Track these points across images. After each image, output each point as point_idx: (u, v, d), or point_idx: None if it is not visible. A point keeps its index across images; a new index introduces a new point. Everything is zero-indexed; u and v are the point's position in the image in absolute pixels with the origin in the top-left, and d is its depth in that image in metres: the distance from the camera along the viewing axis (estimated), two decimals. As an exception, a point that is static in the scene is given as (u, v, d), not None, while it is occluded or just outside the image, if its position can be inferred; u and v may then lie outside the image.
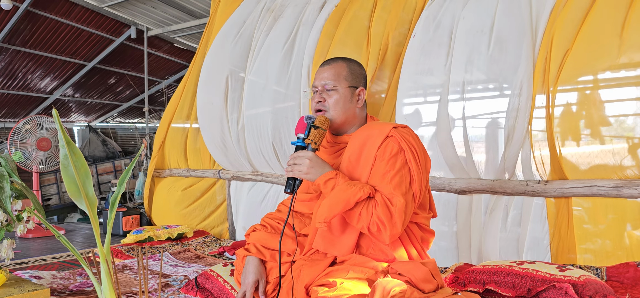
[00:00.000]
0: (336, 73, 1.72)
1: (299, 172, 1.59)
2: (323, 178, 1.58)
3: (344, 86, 1.71)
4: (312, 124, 1.64)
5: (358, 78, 1.75)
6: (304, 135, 1.63)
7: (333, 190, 1.55)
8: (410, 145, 1.58)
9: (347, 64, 1.75)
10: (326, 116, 1.69)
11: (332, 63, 1.75)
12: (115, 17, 6.69)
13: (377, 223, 1.51)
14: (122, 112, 10.73)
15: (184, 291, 2.19)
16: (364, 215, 1.53)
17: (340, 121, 1.72)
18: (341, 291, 1.43)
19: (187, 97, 4.03)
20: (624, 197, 2.15)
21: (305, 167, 1.58)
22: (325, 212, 1.54)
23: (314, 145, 1.61)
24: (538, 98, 2.35)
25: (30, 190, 1.78)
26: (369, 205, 1.53)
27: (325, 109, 1.71)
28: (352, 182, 1.55)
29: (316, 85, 1.75)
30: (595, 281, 1.80)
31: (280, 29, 3.40)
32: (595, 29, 2.20)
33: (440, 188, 2.67)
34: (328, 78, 1.72)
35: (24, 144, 4.81)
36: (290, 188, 1.61)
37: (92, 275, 1.33)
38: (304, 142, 1.62)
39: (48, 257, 3.08)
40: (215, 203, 3.91)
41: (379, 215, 1.50)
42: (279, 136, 3.23)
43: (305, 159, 1.58)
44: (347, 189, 1.52)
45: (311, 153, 1.60)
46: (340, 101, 1.70)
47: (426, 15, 2.78)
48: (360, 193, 1.51)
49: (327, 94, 1.71)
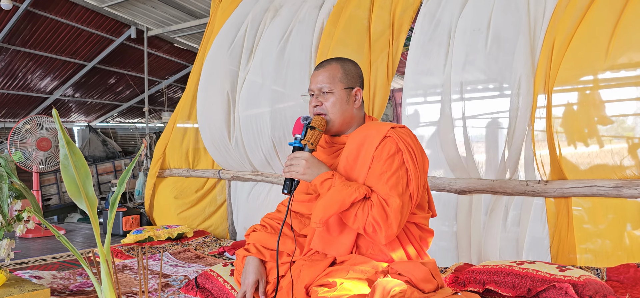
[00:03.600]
0: (331, 75, 1.71)
1: (295, 173, 1.60)
2: (319, 179, 1.58)
3: (340, 88, 1.70)
4: (309, 125, 1.65)
5: (353, 78, 1.74)
6: (301, 136, 1.64)
7: (329, 190, 1.56)
8: (408, 145, 1.58)
9: (341, 65, 1.74)
10: (324, 118, 1.70)
11: (326, 65, 1.74)
12: (115, 17, 6.69)
13: (373, 223, 1.51)
14: (122, 112, 10.73)
15: (184, 291, 2.19)
16: (359, 215, 1.53)
17: (338, 123, 1.72)
18: (341, 291, 1.43)
19: (188, 97, 4.03)
20: (624, 197, 2.15)
21: (301, 168, 1.59)
22: (320, 213, 1.54)
23: (310, 146, 1.62)
24: (538, 98, 2.35)
25: (30, 191, 1.78)
26: (365, 206, 1.53)
27: (324, 112, 1.71)
28: (347, 183, 1.55)
29: (312, 88, 1.75)
30: (595, 281, 1.80)
31: (276, 28, 3.40)
32: (595, 29, 2.20)
33: (440, 188, 2.67)
34: (323, 81, 1.71)
35: (24, 144, 4.81)
36: (288, 189, 1.62)
37: (92, 275, 1.33)
38: (301, 142, 1.63)
39: (48, 257, 3.08)
40: (216, 204, 3.91)
41: (375, 216, 1.50)
42: (279, 135, 3.23)
43: (302, 160, 1.59)
44: (342, 190, 1.53)
45: (308, 154, 1.60)
46: (337, 103, 1.70)
47: (424, 12, 2.77)
48: (355, 194, 1.51)
49: (324, 97, 1.71)
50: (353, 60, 1.79)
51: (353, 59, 1.83)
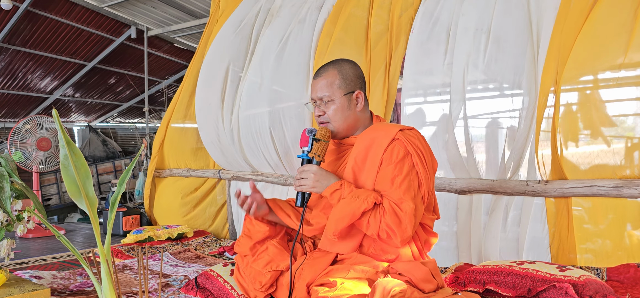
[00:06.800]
0: (329, 83, 1.71)
1: (306, 186, 1.64)
2: (329, 191, 1.60)
3: (340, 95, 1.70)
4: (314, 137, 1.67)
5: (352, 82, 1.72)
6: (308, 148, 1.68)
7: (339, 201, 1.57)
8: (417, 148, 1.58)
9: (338, 71, 1.72)
10: (329, 128, 1.71)
11: (323, 73, 1.73)
12: (115, 17, 6.68)
13: (387, 230, 1.52)
14: (122, 112, 10.72)
15: (184, 291, 2.19)
16: (372, 223, 1.54)
17: (343, 129, 1.73)
18: (342, 291, 1.43)
19: (185, 96, 4.02)
20: (624, 197, 2.15)
21: (311, 181, 1.62)
22: (333, 226, 1.58)
23: (317, 158, 1.66)
24: (540, 98, 2.35)
25: (31, 190, 1.78)
26: (377, 213, 1.54)
27: (327, 120, 1.72)
28: (356, 192, 1.56)
29: (313, 97, 1.75)
30: (596, 281, 1.79)
31: (275, 28, 3.40)
32: (595, 29, 2.20)
33: (440, 188, 2.67)
34: (322, 90, 1.71)
35: (24, 144, 4.81)
36: (300, 202, 1.67)
37: (92, 275, 1.33)
38: (308, 155, 1.67)
39: (48, 257, 3.08)
40: (216, 205, 3.90)
41: (388, 223, 1.51)
42: (278, 135, 3.23)
43: (311, 173, 1.62)
44: (352, 202, 1.54)
45: (315, 167, 1.63)
46: (339, 111, 1.70)
47: (423, 11, 2.77)
48: (364, 204, 1.52)
49: (326, 106, 1.72)
50: (350, 61, 1.77)
51: (352, 59, 1.82)
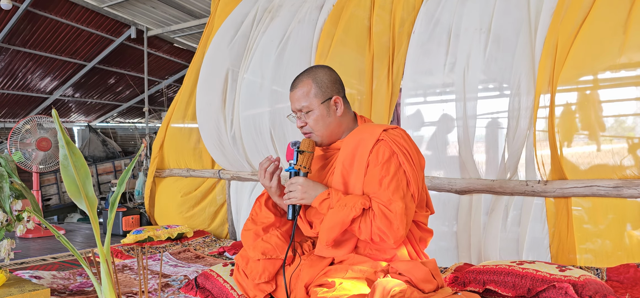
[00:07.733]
0: (305, 93, 1.70)
1: (294, 199, 1.64)
2: (317, 201, 1.61)
3: (317, 104, 1.69)
4: (299, 150, 1.69)
5: (328, 88, 1.71)
6: (294, 161, 1.69)
7: (329, 210, 1.58)
8: (402, 147, 1.58)
9: (312, 79, 1.71)
10: (312, 137, 1.72)
11: (299, 84, 1.73)
12: (115, 17, 6.68)
13: (379, 234, 1.52)
14: (122, 112, 10.72)
15: (183, 291, 2.19)
16: (363, 228, 1.55)
17: (327, 136, 1.73)
18: (340, 291, 1.43)
19: (184, 96, 4.02)
20: (624, 197, 2.15)
21: (299, 193, 1.63)
22: (325, 236, 1.58)
23: (304, 170, 1.67)
24: (540, 98, 2.35)
25: (29, 191, 1.78)
26: (367, 218, 1.54)
27: (310, 131, 1.73)
28: (344, 201, 1.56)
29: (293, 109, 1.76)
30: (595, 281, 1.79)
31: (275, 28, 3.40)
32: (595, 29, 2.20)
33: (440, 188, 2.67)
34: (299, 101, 1.71)
35: (24, 144, 4.81)
36: (291, 215, 1.68)
37: (92, 275, 1.33)
38: (294, 168, 1.68)
39: (48, 257, 3.08)
40: (216, 205, 3.90)
41: (379, 226, 1.52)
42: (279, 135, 3.23)
43: (298, 185, 1.63)
44: (340, 211, 1.54)
45: (302, 179, 1.64)
46: (320, 119, 1.70)
47: (424, 11, 2.77)
48: (353, 212, 1.53)
49: (306, 117, 1.72)
50: (324, 67, 1.76)
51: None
